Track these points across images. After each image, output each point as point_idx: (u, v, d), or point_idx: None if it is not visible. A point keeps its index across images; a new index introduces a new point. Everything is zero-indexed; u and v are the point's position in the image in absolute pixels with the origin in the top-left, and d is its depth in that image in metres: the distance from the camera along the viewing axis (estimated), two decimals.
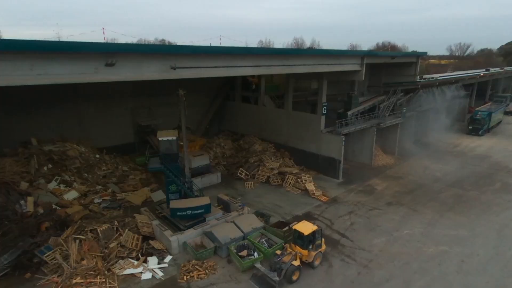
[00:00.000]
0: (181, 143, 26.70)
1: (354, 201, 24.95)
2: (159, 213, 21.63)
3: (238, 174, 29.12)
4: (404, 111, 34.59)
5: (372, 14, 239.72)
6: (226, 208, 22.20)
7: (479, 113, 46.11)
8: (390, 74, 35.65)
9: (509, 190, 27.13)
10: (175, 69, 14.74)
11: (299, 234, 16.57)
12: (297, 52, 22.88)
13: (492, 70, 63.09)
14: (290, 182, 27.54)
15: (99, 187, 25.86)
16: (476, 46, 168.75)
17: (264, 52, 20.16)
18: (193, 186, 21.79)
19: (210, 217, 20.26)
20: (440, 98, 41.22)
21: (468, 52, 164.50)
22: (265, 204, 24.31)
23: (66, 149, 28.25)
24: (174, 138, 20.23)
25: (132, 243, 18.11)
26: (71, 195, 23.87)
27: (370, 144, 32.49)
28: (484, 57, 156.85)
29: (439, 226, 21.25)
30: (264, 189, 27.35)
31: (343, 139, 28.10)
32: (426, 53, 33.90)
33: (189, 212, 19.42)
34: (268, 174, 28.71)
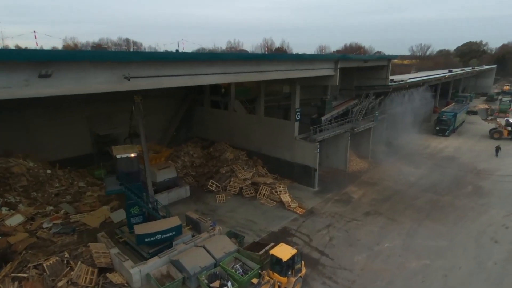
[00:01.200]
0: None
1: (332, 212, 23.84)
2: (119, 238, 19.23)
3: (209, 186, 27.11)
4: (377, 114, 34.22)
5: (339, 16, 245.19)
6: (195, 227, 20.22)
7: (445, 114, 47.18)
8: (361, 77, 35.16)
9: (481, 193, 27.27)
10: (129, 79, 12.57)
11: (276, 260, 14.99)
12: (269, 58, 21.29)
13: (454, 71, 65.34)
14: (264, 194, 25.97)
15: (50, 208, 22.85)
16: (436, 47, 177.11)
17: (233, 58, 18.37)
18: (158, 206, 19.60)
19: (177, 241, 18.19)
20: (410, 100, 41.56)
21: (428, 52, 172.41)
22: (239, 220, 22.54)
23: (10, 165, 24.92)
24: (134, 154, 17.94)
25: (86, 278, 15.66)
26: (15, 220, 20.72)
27: (344, 149, 31.68)
28: (443, 57, 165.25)
29: (418, 237, 20.58)
30: (237, 202, 25.57)
31: (318, 146, 26.97)
32: (397, 56, 33.82)
33: (158, 236, 17.36)
34: (240, 186, 26.97)
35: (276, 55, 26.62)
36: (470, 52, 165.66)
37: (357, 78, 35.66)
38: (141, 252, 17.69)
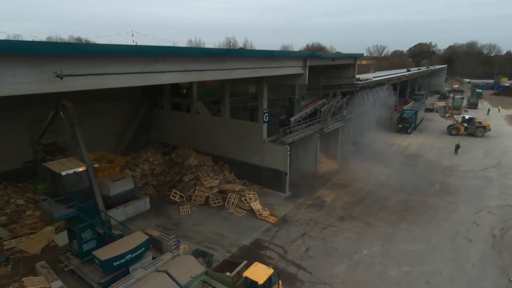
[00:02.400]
0: (96, 165, 21.41)
1: (306, 219, 22.44)
2: (64, 266, 16.30)
3: (171, 197, 24.57)
4: (345, 114, 33.63)
5: (300, 17, 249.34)
6: (157, 246, 17.76)
7: (406, 112, 48.24)
8: (328, 76, 34.42)
9: (448, 190, 27.42)
10: (61, 78, 10.02)
11: (251, 283, 13.12)
12: (235, 54, 19.36)
13: (412, 70, 67.68)
14: (233, 202, 23.99)
15: None
16: (390, 48, 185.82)
17: (195, 54, 16.19)
18: (111, 223, 16.90)
19: (135, 265, 15.68)
20: (375, 99, 41.76)
21: (384, 53, 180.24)
22: (206, 235, 20.36)
23: None
24: (83, 168, 15.20)
25: None
26: None
27: (314, 150, 30.63)
28: (397, 58, 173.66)
29: (396, 241, 19.76)
30: (203, 213, 23.34)
31: (288, 148, 25.53)
32: (362, 54, 33.48)
33: (128, 256, 14.97)
34: (207, 194, 24.75)
35: (243, 51, 24.82)
36: (421, 53, 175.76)
37: (324, 77, 34.87)
38: (91, 283, 14.97)
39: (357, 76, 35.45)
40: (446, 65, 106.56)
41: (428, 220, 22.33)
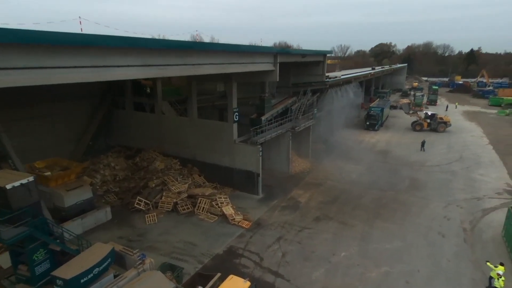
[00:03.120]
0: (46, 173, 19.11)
1: (281, 221, 21.51)
2: None
3: (136, 204, 22.61)
4: (316, 112, 33.23)
5: (267, 17, 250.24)
6: (119, 262, 15.91)
7: (373, 109, 49.10)
8: (298, 73, 33.84)
9: (418, 186, 27.78)
10: None
11: None
12: (202, 47, 17.90)
13: (376, 68, 69.45)
14: (203, 207, 22.53)
15: None
16: (354, 47, 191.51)
17: (157, 46, 14.56)
18: (66, 238, 14.85)
19: (95, 285, 13.82)
20: (343, 97, 41.94)
21: (348, 53, 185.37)
22: (175, 245, 18.76)
23: None
24: (30, 179, 13.13)
25: None
26: None
27: (286, 150, 29.87)
28: (360, 57, 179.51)
29: (372, 240, 19.38)
30: (172, 220, 21.67)
31: (260, 149, 24.49)
32: (331, 52, 33.26)
33: (96, 270, 13.11)
34: (175, 200, 23.06)
35: (211, 44, 23.25)
36: (382, 53, 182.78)
37: (294, 74, 34.23)
38: None
39: (326, 74, 35.21)
40: (406, 64, 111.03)
41: (402, 217, 22.27)
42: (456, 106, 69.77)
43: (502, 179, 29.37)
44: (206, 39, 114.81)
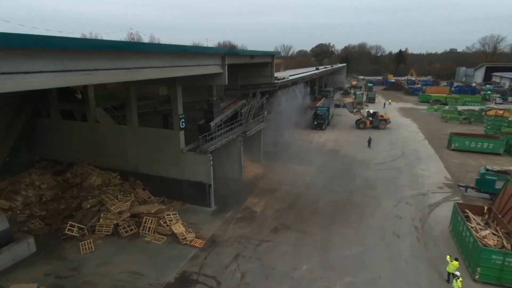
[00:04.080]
0: None
1: (237, 236, 19.97)
2: None
3: (67, 231, 19.32)
4: (266, 114, 32.27)
5: (209, 16, 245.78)
6: None
7: (320, 109, 49.91)
8: (247, 75, 32.57)
9: (368, 185, 28.26)
10: None
11: None
12: (140, 48, 15.49)
13: (320, 68, 71.26)
14: (149, 227, 20.06)
15: None
16: (296, 47, 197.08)
17: (81, 46, 11.96)
18: None
19: None
20: (292, 97, 41.74)
21: (290, 53, 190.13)
22: (117, 277, 16.17)
23: None
24: None
25: None
26: None
27: (238, 156, 28.43)
28: (302, 57, 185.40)
29: (333, 248, 18.80)
30: (113, 246, 18.86)
31: (211, 158, 22.66)
32: (279, 52, 32.62)
33: None
34: (115, 222, 20.22)
35: (150, 45, 20.62)
36: (322, 53, 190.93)
37: (242, 76, 32.87)
38: None
39: (275, 75, 34.47)
40: (345, 64, 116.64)
41: (358, 219, 22.17)
42: (390, 102, 74.37)
43: (441, 172, 31.26)
44: (145, 39, 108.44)
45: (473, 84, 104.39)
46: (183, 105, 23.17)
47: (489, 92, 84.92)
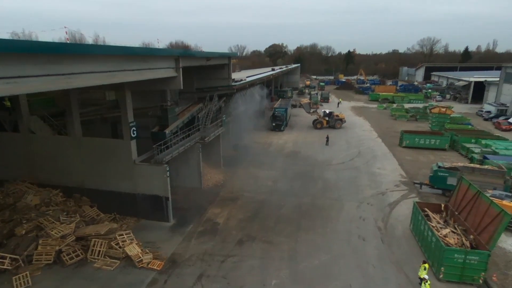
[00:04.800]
0: None
1: (199, 253, 18.47)
2: None
3: None
4: (225, 118, 30.95)
5: (159, 14, 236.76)
6: None
7: (277, 110, 49.70)
8: (202, 78, 30.93)
9: (330, 187, 28.25)
10: None
11: None
12: (78, 50, 13.36)
13: (276, 69, 71.35)
14: (99, 251, 17.80)
15: None
16: (250, 48, 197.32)
17: (4, 49, 9.76)
18: None
19: None
20: (250, 99, 40.85)
21: (244, 53, 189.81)
22: None
23: None
24: None
25: None
26: None
27: (196, 163, 26.79)
28: (256, 57, 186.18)
29: (301, 258, 18.12)
30: (55, 278, 16.36)
31: (167, 168, 20.85)
32: (236, 54, 31.53)
33: None
34: (57, 248, 17.64)
35: (89, 47, 18.04)
36: (276, 53, 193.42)
37: (197, 79, 31.17)
38: None
39: (232, 77, 33.26)
40: (299, 64, 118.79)
41: (323, 224, 21.81)
42: (340, 101, 76.38)
43: (396, 170, 32.36)
44: (89, 38, 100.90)
45: (415, 83, 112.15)
46: (134, 111, 21.08)
47: (430, 90, 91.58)
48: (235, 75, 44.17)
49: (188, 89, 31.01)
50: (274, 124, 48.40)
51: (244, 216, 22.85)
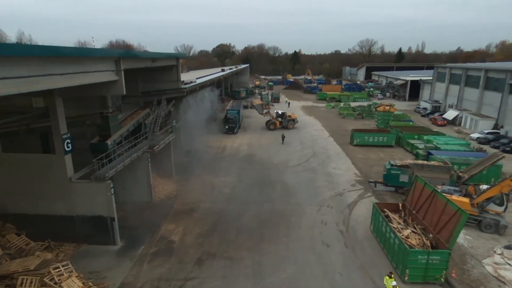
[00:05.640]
0: None
1: (154, 279, 16.39)
2: None
3: None
4: (175, 123, 28.73)
5: (95, 10, 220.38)
6: None
7: (230, 112, 48.27)
8: (149, 80, 28.32)
9: (289, 191, 27.62)
10: None
11: None
12: None
13: (226, 69, 69.73)
14: None
15: None
16: (197, 47, 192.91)
17: None
18: None
19: None
20: (201, 101, 38.86)
21: (192, 53, 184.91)
22: None
23: None
24: None
25: None
26: None
27: (145, 175, 24.34)
28: (204, 57, 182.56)
29: (266, 272, 16.98)
30: None
31: (112, 185, 18.33)
32: (185, 54, 29.45)
33: None
34: None
35: (8, 46, 14.93)
36: (224, 53, 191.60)
37: (142, 81, 28.48)
38: None
39: (182, 80, 31.07)
40: (248, 64, 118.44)
41: (286, 233, 20.94)
42: (287, 101, 76.99)
43: (350, 169, 32.88)
44: (12, 36, 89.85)
45: (358, 82, 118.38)
46: (68, 120, 18.23)
47: (372, 89, 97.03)
48: (184, 76, 41.78)
49: (133, 93, 28.16)
50: (227, 126, 46.90)
51: (201, 231, 21.10)
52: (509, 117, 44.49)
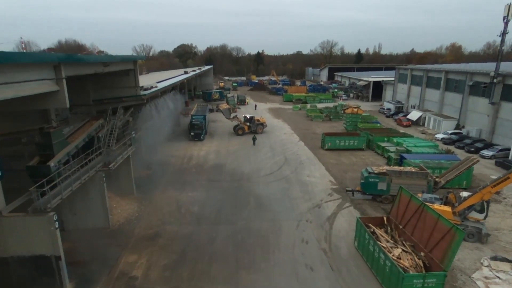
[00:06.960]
0: None
1: None
2: None
3: None
4: (134, 135, 25.52)
5: (41, 7, 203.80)
6: None
7: (195, 118, 45.25)
8: (102, 87, 24.80)
9: (263, 205, 25.53)
10: None
11: None
12: None
13: (189, 71, 66.34)
14: None
15: None
16: (157, 48, 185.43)
17: None
18: None
19: None
20: (164, 108, 35.64)
21: (151, 53, 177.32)
22: None
23: None
24: None
25: None
26: None
27: (100, 197, 21.02)
28: (165, 58, 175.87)
29: None
30: None
31: (56, 218, 15.07)
32: (144, 57, 26.31)
33: None
34: None
35: None
36: (185, 54, 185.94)
37: (94, 88, 24.89)
38: None
39: (141, 85, 27.82)
40: (212, 66, 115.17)
41: (264, 257, 18.82)
42: (247, 103, 75.31)
43: (325, 177, 31.56)
44: None
45: (322, 83, 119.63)
46: None
47: (336, 90, 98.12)
48: (143, 80, 38.21)
49: (83, 101, 24.63)
50: (192, 133, 43.91)
51: (168, 261, 18.34)
52: (470, 118, 46.09)
